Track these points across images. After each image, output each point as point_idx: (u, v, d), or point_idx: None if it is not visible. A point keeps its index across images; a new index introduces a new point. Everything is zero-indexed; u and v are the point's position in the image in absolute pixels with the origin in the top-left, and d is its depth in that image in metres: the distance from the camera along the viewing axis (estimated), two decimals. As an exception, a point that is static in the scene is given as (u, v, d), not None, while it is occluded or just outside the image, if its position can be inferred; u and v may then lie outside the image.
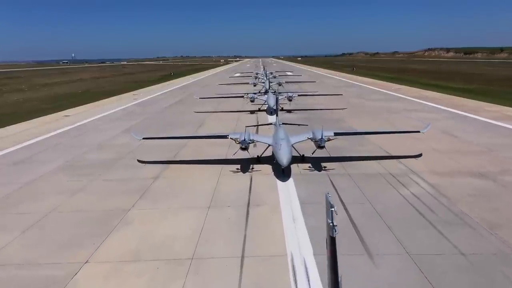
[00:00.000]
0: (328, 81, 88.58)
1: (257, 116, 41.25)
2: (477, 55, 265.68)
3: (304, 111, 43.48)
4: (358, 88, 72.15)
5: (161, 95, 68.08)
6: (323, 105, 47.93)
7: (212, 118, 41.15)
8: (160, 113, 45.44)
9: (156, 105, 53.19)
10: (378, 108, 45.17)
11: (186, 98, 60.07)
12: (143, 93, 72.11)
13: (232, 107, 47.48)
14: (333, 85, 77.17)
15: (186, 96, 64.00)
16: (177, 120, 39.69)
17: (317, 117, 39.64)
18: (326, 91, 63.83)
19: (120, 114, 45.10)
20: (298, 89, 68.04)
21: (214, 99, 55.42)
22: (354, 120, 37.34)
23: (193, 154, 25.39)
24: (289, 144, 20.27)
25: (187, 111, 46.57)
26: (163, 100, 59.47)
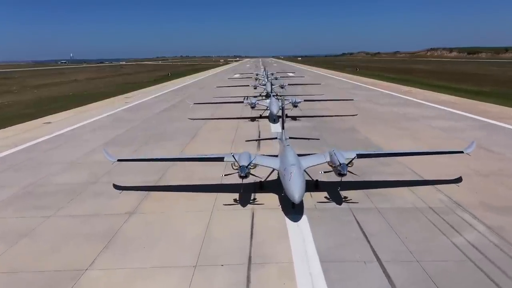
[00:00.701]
0: (332, 83, 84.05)
1: (259, 125, 36.74)
2: (481, 55, 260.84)
3: (311, 119, 39.00)
4: (365, 90, 67.67)
5: (155, 98, 63.58)
6: (331, 110, 43.45)
7: (208, 126, 36.64)
8: (150, 120, 40.90)
9: (147, 110, 48.66)
10: (393, 115, 40.65)
11: (181, 102, 55.54)
12: (136, 96, 67.69)
13: (231, 113, 43.02)
14: (338, 87, 72.67)
15: (181, 99, 59.48)
16: (168, 130, 35.17)
17: (327, 126, 35.13)
18: (333, 94, 59.36)
19: (106, 121, 40.58)
20: (302, 92, 63.67)
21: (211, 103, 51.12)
22: (368, 129, 32.85)
23: (182, 175, 20.89)
24: (301, 172, 15.96)
25: (181, 117, 42.07)
26: (156, 104, 54.97)
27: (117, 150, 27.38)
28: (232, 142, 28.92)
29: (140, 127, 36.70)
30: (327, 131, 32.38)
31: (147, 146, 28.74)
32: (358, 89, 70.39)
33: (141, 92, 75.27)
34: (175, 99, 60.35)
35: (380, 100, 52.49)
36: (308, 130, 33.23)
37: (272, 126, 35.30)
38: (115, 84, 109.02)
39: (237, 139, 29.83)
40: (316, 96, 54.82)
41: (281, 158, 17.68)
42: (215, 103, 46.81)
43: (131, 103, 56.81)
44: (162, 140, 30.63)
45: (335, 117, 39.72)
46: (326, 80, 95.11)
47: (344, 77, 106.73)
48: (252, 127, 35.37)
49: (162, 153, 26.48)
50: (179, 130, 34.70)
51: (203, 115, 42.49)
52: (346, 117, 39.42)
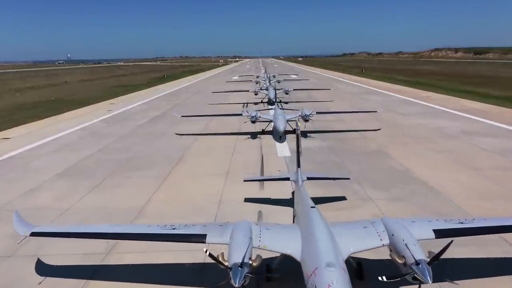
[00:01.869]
0: (340, 86, 76.78)
1: (261, 145, 29.46)
2: (488, 56, 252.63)
3: (325, 135, 31.78)
4: (379, 95, 60.40)
5: (143, 104, 56.40)
6: (348, 123, 36.25)
7: (197, 145, 29.36)
8: (129, 136, 33.66)
9: (129, 121, 41.44)
10: (424, 129, 33.42)
11: (170, 111, 48.33)
12: (123, 102, 60.60)
13: (227, 126, 35.88)
14: (348, 92, 65.40)
15: (172, 107, 52.28)
16: (147, 151, 27.90)
17: (347, 147, 27.80)
18: (344, 101, 52.25)
19: (74, 138, 33.33)
20: (308, 98, 56.48)
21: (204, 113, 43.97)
22: (401, 152, 25.57)
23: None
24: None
25: (167, 132, 34.88)
26: (142, 112, 47.77)
27: (67, 186, 20.22)
28: (225, 175, 21.65)
29: (113, 147, 29.40)
30: (350, 156, 25.12)
31: (111, 180, 21.41)
32: (370, 94, 63.11)
33: (130, 97, 68.19)
34: (165, 106, 53.14)
35: (400, 109, 45.22)
36: (324, 154, 26.00)
37: (278, 147, 28.06)
38: (106, 86, 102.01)
39: (232, 170, 22.55)
40: (329, 105, 47.82)
41: (304, 236, 9.77)
42: (208, 116, 39.22)
43: (114, 111, 49.66)
44: (135, 169, 23.38)
45: (354, 133, 32.55)
46: (332, 83, 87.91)
47: (351, 79, 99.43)
48: (253, 148, 28.11)
49: (128, 193, 19.25)
50: (161, 152, 27.44)
51: (193, 129, 35.28)
52: (368, 133, 32.24)
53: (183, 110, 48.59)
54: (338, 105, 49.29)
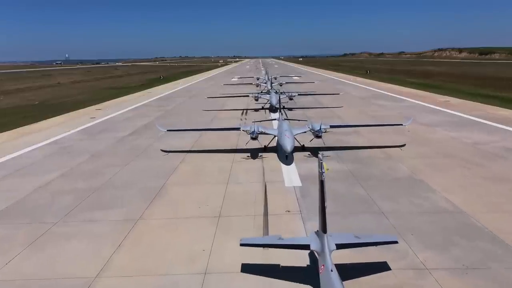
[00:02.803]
0: (347, 89, 71.26)
1: (263, 165, 23.95)
2: (494, 56, 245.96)
3: (341, 152, 26.22)
4: (392, 100, 54.80)
5: (132, 111, 50.88)
6: (365, 136, 30.69)
7: (185, 168, 23.84)
8: (105, 154, 28.11)
9: (110, 133, 35.92)
10: (457, 145, 27.87)
11: (160, 119, 42.85)
12: (110, 107, 55.12)
13: (222, 139, 30.38)
14: (358, 96, 59.77)
15: (161, 114, 46.74)
16: (121, 178, 22.32)
17: (371, 172, 22.23)
18: (359, 110, 46.61)
19: (37, 157, 27.63)
20: (314, 103, 50.94)
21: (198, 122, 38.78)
22: (442, 181, 20.03)
23: None
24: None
25: (150, 148, 29.36)
26: (128, 121, 42.25)
27: None
28: (216, 219, 16.10)
29: (80, 171, 23.81)
30: (377, 186, 19.54)
31: (62, 226, 15.84)
32: (381, 98, 57.53)
33: (119, 102, 62.68)
34: (155, 113, 47.60)
35: (421, 117, 39.63)
36: (344, 182, 20.42)
37: (285, 172, 22.45)
38: (98, 88, 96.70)
39: (226, 210, 17.00)
40: (338, 112, 42.35)
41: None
42: (199, 130, 33.32)
43: (98, 119, 44.15)
44: (99, 207, 17.82)
45: (375, 149, 27.02)
46: (338, 85, 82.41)
47: (356, 81, 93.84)
48: (253, 173, 22.53)
49: (78, 251, 13.71)
50: (139, 178, 21.90)
51: (183, 143, 29.77)
52: (391, 150, 26.72)
53: (174, 118, 43.15)
54: (348, 113, 43.81)
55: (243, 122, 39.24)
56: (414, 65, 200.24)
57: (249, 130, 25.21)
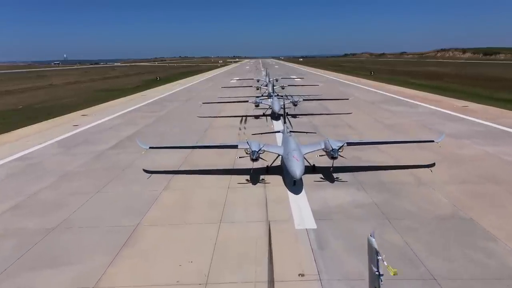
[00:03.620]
0: (354, 93, 66.60)
1: (265, 194, 19.33)
2: (499, 56, 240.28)
3: (359, 176, 21.59)
4: (407, 106, 50.09)
5: (119, 117, 46.26)
6: (386, 152, 26.00)
7: (168, 198, 19.22)
8: (74, 176, 23.46)
9: (90, 145, 31.30)
10: (499, 164, 23.27)
11: (147, 129, 38.29)
12: (98, 113, 50.53)
13: (217, 154, 25.69)
14: (367, 101, 55.12)
15: (150, 123, 42.06)
16: (83, 212, 17.69)
17: (400, 206, 17.61)
18: (370, 117, 42.03)
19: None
20: (321, 109, 46.30)
21: (191, 131, 34.28)
22: (501, 223, 15.45)
23: None
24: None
25: (132, 166, 24.77)
26: (112, 130, 37.61)
27: None
28: (204, 285, 11.56)
29: (38, 202, 19.11)
30: (416, 229, 14.96)
31: None
32: (393, 103, 52.88)
33: (109, 106, 58.08)
34: (145, 120, 43.00)
35: (444, 127, 34.95)
36: (371, 221, 15.82)
37: (293, 206, 17.80)
38: (90, 90, 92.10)
39: (216, 271, 12.40)
40: (347, 119, 37.78)
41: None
42: (186, 148, 27.28)
43: (80, 127, 39.62)
44: (47, 263, 13.24)
45: (400, 170, 22.40)
46: (342, 87, 77.79)
47: (361, 83, 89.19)
48: (253, 207, 17.89)
49: None
50: (109, 214, 17.26)
51: (170, 161, 25.13)
52: (420, 171, 22.14)
53: (164, 127, 38.50)
54: (360, 121, 39.24)
55: (242, 133, 34.68)
56: (418, 65, 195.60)
57: (248, 149, 20.52)
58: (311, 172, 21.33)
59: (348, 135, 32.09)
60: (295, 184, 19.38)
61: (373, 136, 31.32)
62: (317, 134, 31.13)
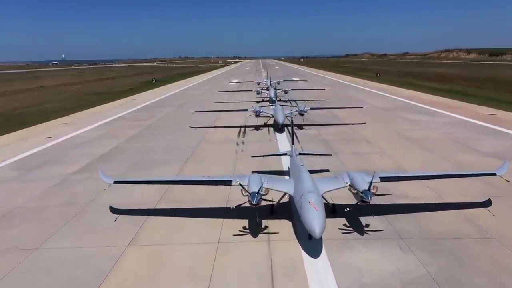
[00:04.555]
0: (365, 98, 61.00)
1: (270, 253, 13.67)
2: (506, 57, 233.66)
3: (395, 221, 15.92)
4: (426, 114, 44.23)
5: (101, 127, 40.70)
6: (425, 184, 20.21)
7: (137, 263, 13.60)
8: (7, 222, 17.83)
9: (52, 167, 25.61)
10: None
11: (127, 144, 32.59)
12: (78, 121, 44.93)
13: (204, 192, 19.93)
14: (381, 107, 49.41)
15: (135, 135, 36.33)
16: None
17: (471, 283, 11.95)
18: (387, 129, 36.37)
19: None
20: (331, 117, 40.55)
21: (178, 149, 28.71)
22: None
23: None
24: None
25: (91, 205, 19.07)
26: (85, 146, 31.86)
27: None
28: None
29: None
30: None
31: None
32: (411, 111, 47.03)
33: (94, 112, 52.51)
34: (129, 131, 37.40)
35: (482, 144, 29.21)
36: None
37: (312, 275, 12.14)
38: (81, 93, 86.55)
39: None
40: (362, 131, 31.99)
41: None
42: (161, 183, 20.07)
43: (52, 141, 34.13)
44: None
45: (447, 213, 16.75)
46: (350, 91, 72.17)
47: (368, 85, 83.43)
48: (254, 275, 12.24)
49: None
50: None
51: (144, 195, 19.45)
52: (475, 213, 16.51)
53: (148, 142, 32.65)
54: (377, 133, 33.64)
55: (240, 150, 29.04)
56: (423, 66, 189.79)
57: (247, 186, 14.82)
58: (330, 214, 15.69)
59: (370, 155, 26.45)
60: (311, 238, 13.69)
61: (400, 157, 25.66)
62: (334, 156, 25.58)
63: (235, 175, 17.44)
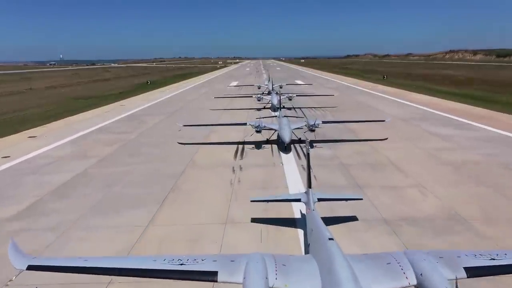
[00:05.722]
0: (380, 105, 54.84)
1: None
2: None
3: None
4: (456, 127, 37.89)
5: (74, 142, 34.54)
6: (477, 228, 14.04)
7: None
8: None
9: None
10: None
11: (95, 169, 26.29)
12: (49, 134, 38.80)
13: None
14: (400, 118, 43.04)
15: (108, 155, 30.03)
16: None
17: None
18: (411, 143, 30.02)
19: None
20: (344, 131, 34.08)
21: (160, 177, 22.60)
22: None
23: None
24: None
25: (19, 276, 12.82)
26: (44, 172, 25.61)
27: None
28: None
29: None
30: None
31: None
32: (437, 122, 40.42)
33: (74, 121, 46.48)
34: (105, 148, 31.19)
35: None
36: None
37: None
38: (68, 97, 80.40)
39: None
40: (392, 156, 25.52)
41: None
42: None
43: (9, 162, 27.95)
44: None
45: None
46: (360, 96, 65.88)
47: (378, 90, 77.11)
48: None
49: None
50: None
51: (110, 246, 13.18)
52: None
53: (122, 166, 26.25)
54: (403, 153, 27.44)
55: (237, 180, 22.80)
56: (430, 68, 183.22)
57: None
58: None
59: (406, 191, 20.21)
60: None
61: (450, 197, 19.31)
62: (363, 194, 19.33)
63: (223, 258, 9.75)
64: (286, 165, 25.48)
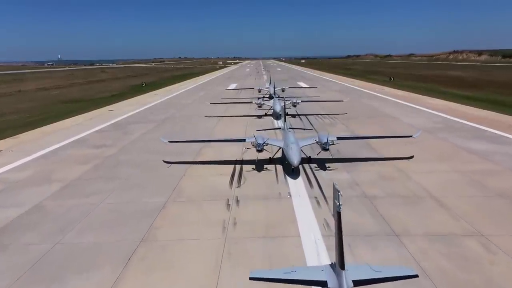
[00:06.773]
0: (395, 113, 49.42)
1: None
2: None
3: None
4: (489, 140, 32.52)
5: (37, 161, 29.16)
6: None
7: None
8: None
9: None
10: None
11: (53, 200, 20.86)
12: (16, 148, 33.62)
13: None
14: (422, 128, 37.59)
15: (73, 179, 24.61)
16: None
17: None
18: (446, 164, 24.63)
19: None
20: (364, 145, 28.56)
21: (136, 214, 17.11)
22: None
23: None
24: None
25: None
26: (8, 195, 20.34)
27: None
28: None
29: None
30: None
31: None
32: (467, 134, 35.05)
33: (51, 130, 41.17)
34: (71, 173, 25.71)
35: None
36: None
37: None
38: (56, 101, 75.26)
39: None
40: (425, 183, 20.13)
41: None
42: None
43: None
44: None
45: None
46: (370, 100, 60.37)
47: (387, 93, 71.48)
48: None
49: None
50: None
51: None
52: None
53: (85, 197, 20.78)
54: (438, 179, 21.93)
55: (231, 220, 17.48)
56: (436, 69, 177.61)
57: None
58: None
59: (466, 244, 14.84)
60: None
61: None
62: (399, 244, 14.00)
63: None
64: (294, 196, 20.10)
